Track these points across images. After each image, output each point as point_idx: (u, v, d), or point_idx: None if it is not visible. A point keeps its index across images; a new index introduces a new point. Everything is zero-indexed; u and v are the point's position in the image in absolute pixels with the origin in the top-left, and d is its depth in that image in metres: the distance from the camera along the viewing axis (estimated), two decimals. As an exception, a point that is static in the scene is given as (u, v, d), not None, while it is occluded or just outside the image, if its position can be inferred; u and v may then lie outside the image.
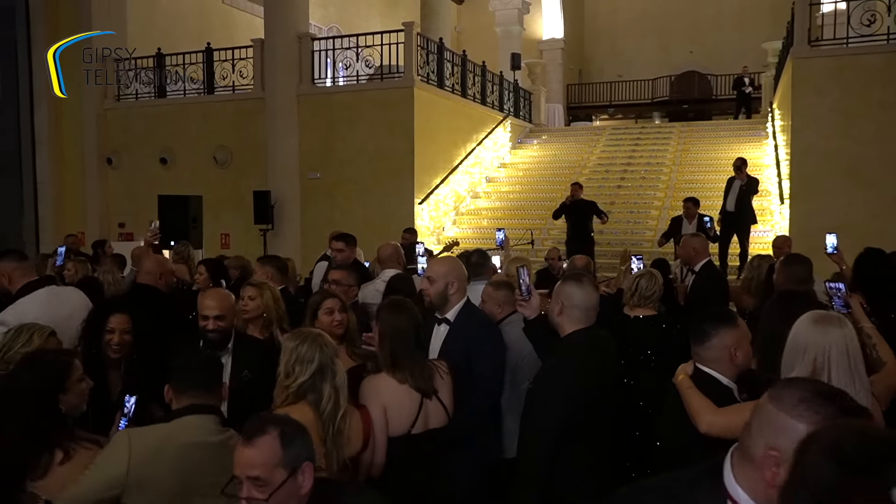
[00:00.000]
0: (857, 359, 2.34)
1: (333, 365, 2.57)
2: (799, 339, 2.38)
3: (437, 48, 12.93)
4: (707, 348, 2.48)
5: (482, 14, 21.54)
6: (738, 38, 22.50)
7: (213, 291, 3.36)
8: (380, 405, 2.79)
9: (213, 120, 12.88)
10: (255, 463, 1.78)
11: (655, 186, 13.41)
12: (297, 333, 2.67)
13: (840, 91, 9.88)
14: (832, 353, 2.31)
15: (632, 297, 4.12)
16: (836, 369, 2.30)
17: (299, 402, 2.53)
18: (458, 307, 3.53)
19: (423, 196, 12.08)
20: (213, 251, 10.33)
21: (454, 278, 3.54)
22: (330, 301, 3.49)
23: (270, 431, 1.81)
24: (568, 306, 2.86)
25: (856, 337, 2.38)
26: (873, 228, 8.61)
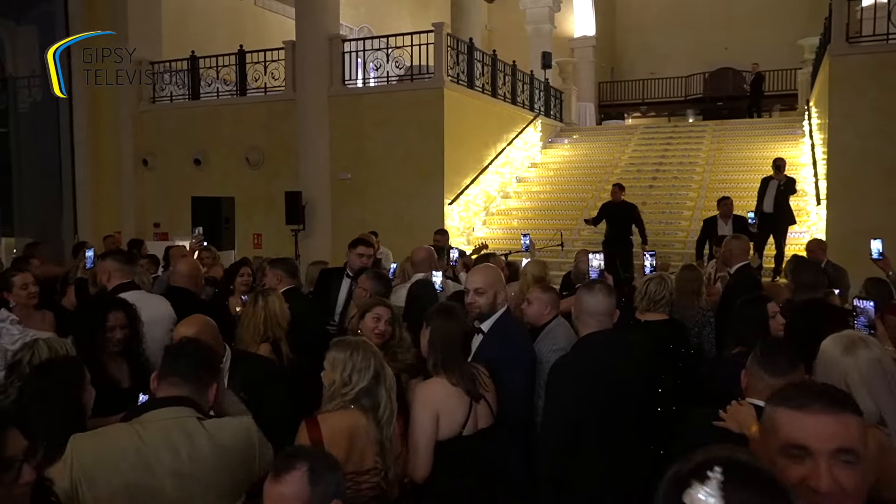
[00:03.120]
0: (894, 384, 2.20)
1: (384, 369, 2.62)
2: (832, 371, 2.22)
3: (466, 48, 12.91)
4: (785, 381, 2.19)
5: (513, 13, 21.45)
6: (774, 33, 22.07)
7: (187, 319, 3.17)
8: (432, 411, 2.81)
9: (246, 121, 13.04)
10: (283, 500, 1.77)
11: (688, 186, 13.23)
12: (343, 343, 2.66)
13: (879, 89, 9.64)
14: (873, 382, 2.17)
15: (642, 300, 4.06)
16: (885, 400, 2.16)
17: (351, 407, 2.57)
18: (495, 318, 3.50)
19: (453, 197, 12.09)
20: (246, 251, 10.47)
21: (501, 288, 3.55)
22: (380, 308, 3.48)
23: (299, 467, 1.79)
24: (580, 312, 3.01)
25: (886, 361, 2.23)
26: (914, 230, 8.40)
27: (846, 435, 1.29)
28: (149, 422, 2.18)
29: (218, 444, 2.22)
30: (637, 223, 10.04)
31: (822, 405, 1.31)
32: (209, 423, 2.26)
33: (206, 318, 3.20)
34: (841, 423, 1.30)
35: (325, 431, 2.51)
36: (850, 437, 1.29)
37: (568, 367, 2.97)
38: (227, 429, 2.29)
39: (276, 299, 3.97)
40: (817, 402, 1.32)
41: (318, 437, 2.49)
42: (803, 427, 1.30)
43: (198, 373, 2.31)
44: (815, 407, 1.31)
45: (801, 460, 1.29)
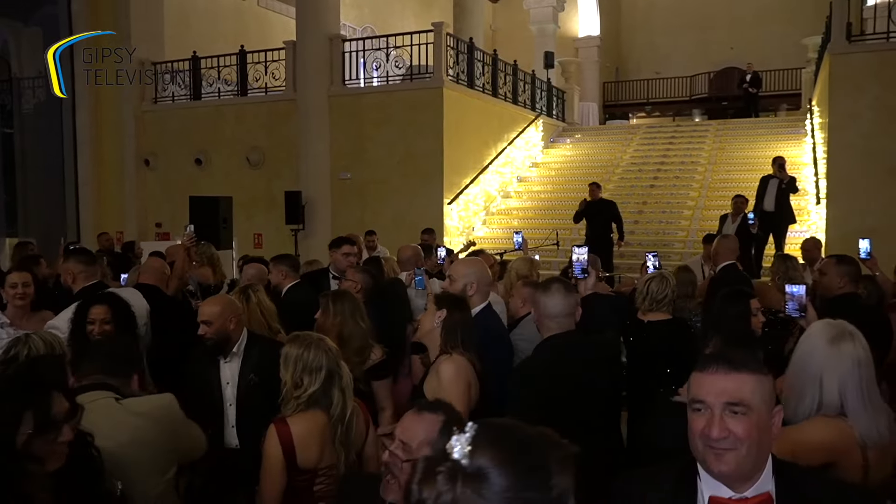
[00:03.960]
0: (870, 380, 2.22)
1: (339, 368, 2.61)
2: (811, 359, 2.25)
3: (467, 48, 12.91)
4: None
5: (517, 12, 21.42)
6: (780, 33, 21.96)
7: (211, 298, 3.43)
8: (465, 382, 2.82)
9: (247, 121, 13.09)
10: (422, 431, 1.80)
11: (689, 186, 13.18)
12: (298, 340, 2.67)
13: (880, 88, 9.57)
14: (846, 374, 2.18)
15: (643, 300, 3.99)
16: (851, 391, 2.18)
17: (310, 409, 2.56)
18: (476, 311, 3.48)
19: (453, 196, 12.08)
20: (247, 251, 10.50)
21: (475, 280, 3.55)
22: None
23: (438, 414, 1.84)
24: (539, 316, 2.94)
25: (869, 354, 2.24)
26: (915, 230, 8.35)
27: (735, 390, 1.51)
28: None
29: (137, 415, 2.37)
30: (616, 220, 10.08)
31: (719, 366, 1.53)
32: (127, 401, 2.42)
33: (224, 297, 3.51)
34: (731, 380, 1.51)
35: (295, 433, 2.51)
36: (740, 392, 1.51)
37: (526, 373, 2.93)
38: (145, 403, 2.47)
39: (263, 294, 3.99)
40: (715, 364, 1.54)
41: (288, 439, 2.50)
42: (702, 385, 1.54)
43: (116, 367, 2.46)
44: (713, 368, 1.54)
45: (701, 413, 1.52)
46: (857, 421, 2.15)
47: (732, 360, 1.54)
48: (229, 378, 3.24)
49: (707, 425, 1.49)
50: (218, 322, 3.23)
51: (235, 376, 3.25)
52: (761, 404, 1.53)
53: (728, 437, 1.48)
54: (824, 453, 2.15)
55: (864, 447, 2.15)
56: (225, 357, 3.26)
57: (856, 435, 2.15)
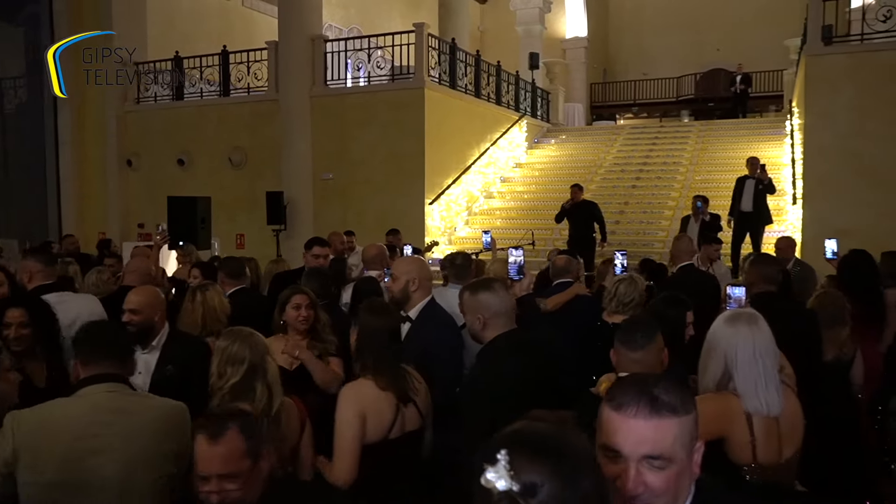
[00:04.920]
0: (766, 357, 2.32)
1: (264, 363, 2.62)
2: (712, 337, 2.40)
3: (449, 49, 12.94)
4: (646, 353, 2.45)
5: (505, 13, 21.47)
6: (767, 35, 22.03)
7: (138, 288, 3.50)
8: (358, 413, 2.72)
9: (229, 122, 13.09)
10: (225, 459, 1.90)
11: (670, 186, 13.25)
12: (228, 333, 2.72)
13: (855, 89, 9.64)
14: (740, 351, 2.32)
15: (610, 302, 3.99)
16: (742, 366, 2.31)
17: (236, 402, 2.56)
18: (420, 306, 3.60)
19: (434, 196, 12.11)
20: (229, 252, 10.50)
21: (416, 276, 3.60)
22: (299, 297, 3.60)
23: (232, 426, 1.93)
24: (489, 316, 2.85)
25: (768, 336, 2.36)
26: (888, 229, 8.40)
27: (657, 440, 1.31)
28: (83, 396, 2.38)
29: (147, 412, 2.41)
30: (598, 221, 10.14)
31: (638, 408, 1.31)
32: (139, 395, 2.49)
33: (150, 289, 3.54)
34: (652, 428, 1.31)
35: None
36: (661, 443, 1.31)
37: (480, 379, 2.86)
38: (157, 401, 2.52)
39: (216, 294, 4.01)
40: (634, 405, 1.32)
41: None
42: (617, 430, 1.32)
43: (111, 348, 2.47)
44: (631, 410, 1.32)
45: (615, 460, 1.32)
46: (745, 393, 2.27)
47: (656, 399, 1.32)
48: (142, 368, 3.28)
49: (621, 477, 1.30)
50: (146, 312, 3.29)
51: (151, 367, 3.30)
52: (682, 450, 1.34)
53: (644, 492, 1.30)
54: (713, 425, 2.23)
55: (751, 421, 2.25)
56: (143, 348, 3.29)
57: (742, 408, 2.26)
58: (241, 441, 1.92)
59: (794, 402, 2.42)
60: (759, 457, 2.28)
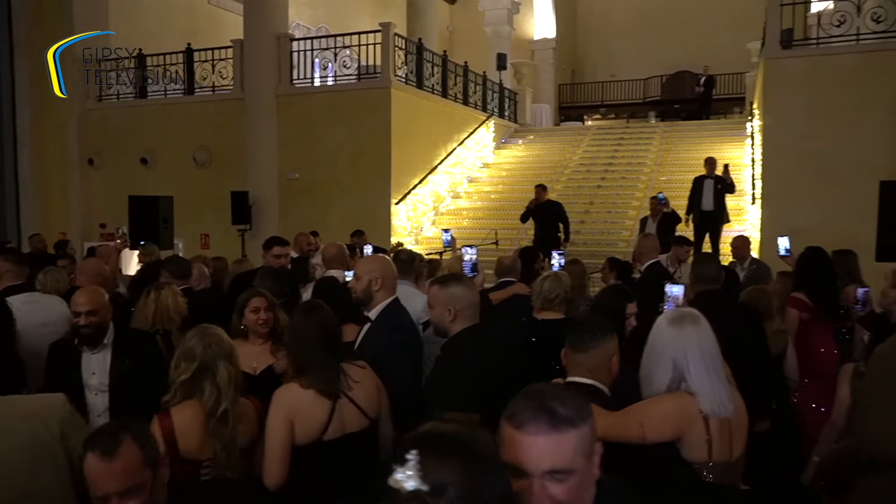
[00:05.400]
0: (712, 357, 2.34)
1: (216, 364, 2.60)
2: (656, 341, 2.39)
3: (416, 48, 12.96)
4: (592, 356, 2.39)
5: (475, 14, 21.52)
6: (731, 38, 22.37)
7: (85, 289, 3.48)
8: (284, 416, 2.66)
9: (194, 120, 12.95)
10: (125, 474, 1.80)
11: (635, 187, 13.41)
12: (196, 329, 2.71)
13: (812, 91, 9.85)
14: (688, 352, 2.32)
15: (536, 299, 4.02)
16: (693, 367, 2.32)
17: (190, 399, 2.59)
18: (382, 307, 3.51)
19: (401, 196, 12.12)
20: (194, 252, 10.38)
21: (379, 275, 3.51)
22: (257, 300, 3.56)
23: (125, 438, 1.83)
24: (460, 308, 2.89)
25: (711, 336, 2.38)
26: (844, 229, 8.57)
27: (558, 455, 1.32)
28: None
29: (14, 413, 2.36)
30: (562, 221, 10.23)
31: (538, 425, 1.32)
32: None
33: (99, 289, 3.51)
34: (552, 443, 1.32)
35: (176, 423, 2.53)
36: (563, 457, 1.32)
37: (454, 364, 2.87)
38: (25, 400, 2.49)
39: (171, 293, 3.99)
40: (534, 422, 1.33)
41: (169, 429, 2.52)
42: (520, 448, 1.33)
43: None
44: (531, 428, 1.33)
45: (518, 476, 1.32)
46: (700, 393, 2.28)
47: (554, 413, 1.33)
48: (95, 368, 3.26)
49: (528, 492, 1.32)
50: (102, 312, 3.30)
51: (105, 365, 3.30)
52: (583, 458, 1.36)
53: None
54: (670, 426, 2.28)
55: (707, 420, 2.27)
56: (94, 348, 3.29)
57: (699, 408, 2.27)
58: (138, 451, 1.83)
59: (739, 401, 2.44)
60: (713, 455, 2.29)
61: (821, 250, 4.85)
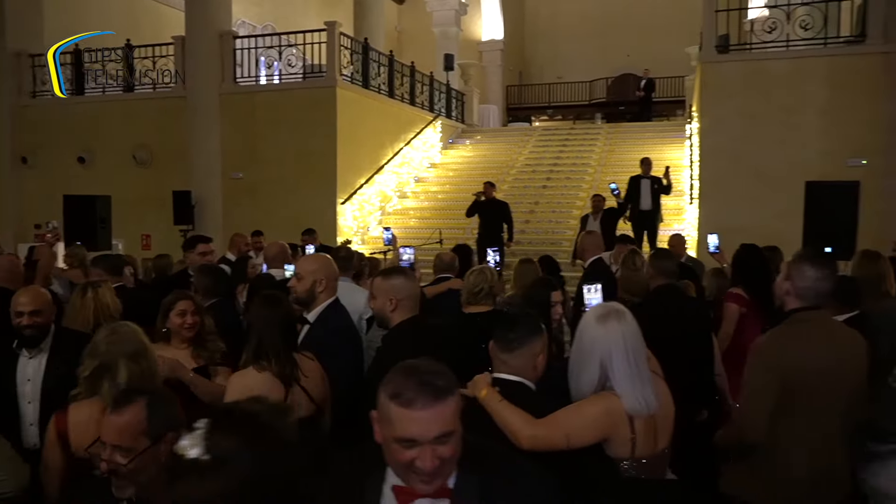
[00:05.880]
0: (637, 352, 2.38)
1: (117, 364, 2.54)
2: (583, 339, 2.41)
3: (362, 48, 12.93)
4: (517, 356, 2.38)
5: (423, 14, 21.57)
6: (673, 42, 22.94)
7: (27, 289, 3.38)
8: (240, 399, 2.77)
9: (134, 118, 12.65)
10: (120, 431, 1.90)
11: (579, 187, 13.65)
12: (108, 327, 2.68)
13: (745, 95, 10.20)
14: (613, 349, 2.34)
15: (463, 293, 4.09)
16: (618, 367, 2.34)
17: (93, 397, 2.55)
18: (322, 308, 3.50)
19: (347, 196, 12.08)
20: (134, 252, 10.15)
21: (323, 276, 3.51)
22: (183, 303, 3.48)
23: (138, 400, 1.94)
24: (400, 299, 2.96)
25: (636, 330, 2.41)
26: (777, 228, 8.89)
27: (443, 422, 1.49)
28: None
29: None
30: (506, 221, 10.34)
31: (424, 401, 1.47)
32: None
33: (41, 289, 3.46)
34: (439, 413, 1.48)
35: (71, 420, 2.52)
36: (447, 422, 1.49)
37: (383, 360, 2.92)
38: None
39: (108, 291, 3.91)
40: (422, 398, 1.47)
41: (63, 429, 2.50)
42: (411, 423, 1.47)
43: None
44: (420, 402, 1.47)
45: (410, 447, 1.48)
46: (624, 394, 2.30)
47: (436, 387, 1.48)
48: (31, 375, 3.15)
49: (418, 458, 1.47)
50: (46, 313, 3.20)
51: (40, 372, 3.17)
52: (458, 418, 1.53)
53: (440, 464, 1.49)
54: (596, 432, 2.31)
55: (632, 419, 2.31)
56: (34, 351, 3.18)
57: (624, 408, 2.30)
58: (143, 418, 1.91)
59: (665, 393, 2.49)
60: (636, 451, 2.34)
61: (755, 247, 5.04)
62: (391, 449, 1.51)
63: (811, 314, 2.70)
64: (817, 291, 2.69)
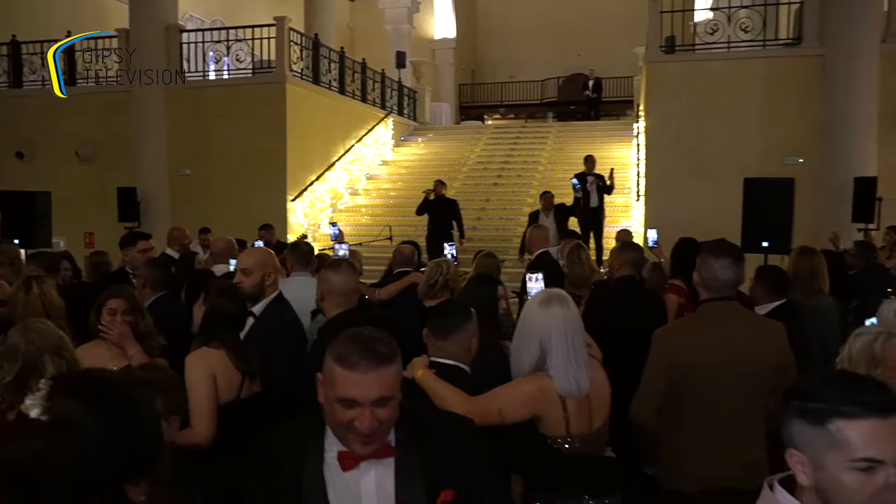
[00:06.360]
0: (576, 337, 2.47)
1: (42, 361, 2.39)
2: (526, 321, 2.52)
3: (312, 44, 12.83)
4: (452, 342, 2.49)
5: (376, 11, 21.48)
6: (623, 43, 23.36)
7: None
8: (209, 373, 2.77)
9: (77, 113, 12.29)
10: None
11: (530, 184, 13.80)
12: (20, 325, 2.53)
13: (689, 94, 10.48)
14: (553, 332, 2.44)
15: (422, 287, 4.18)
16: (556, 348, 2.44)
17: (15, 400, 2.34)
18: (266, 302, 3.51)
19: (297, 193, 11.98)
20: (77, 250, 9.88)
21: (271, 269, 3.55)
22: (114, 301, 3.29)
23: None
24: (328, 292, 3.03)
25: (576, 316, 2.52)
26: (720, 224, 9.05)
27: (383, 386, 1.57)
28: None
29: None
30: (456, 219, 10.41)
31: (368, 364, 1.55)
32: None
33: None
34: (380, 377, 1.56)
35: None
36: (388, 386, 1.58)
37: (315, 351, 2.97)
38: None
39: (51, 287, 3.80)
40: (365, 362, 1.55)
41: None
42: (353, 385, 1.55)
43: None
44: (363, 366, 1.55)
45: (351, 407, 1.56)
46: (557, 375, 2.41)
47: (378, 353, 1.56)
48: None
49: (357, 419, 1.54)
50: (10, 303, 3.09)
51: None
52: (399, 384, 1.62)
53: (378, 426, 1.56)
54: (528, 407, 2.41)
55: (564, 400, 2.41)
56: None
57: (556, 389, 2.40)
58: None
59: (601, 375, 2.60)
60: (571, 430, 2.44)
61: (693, 240, 5.20)
62: (333, 409, 1.58)
63: (717, 305, 2.77)
64: (721, 281, 2.74)
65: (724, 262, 2.74)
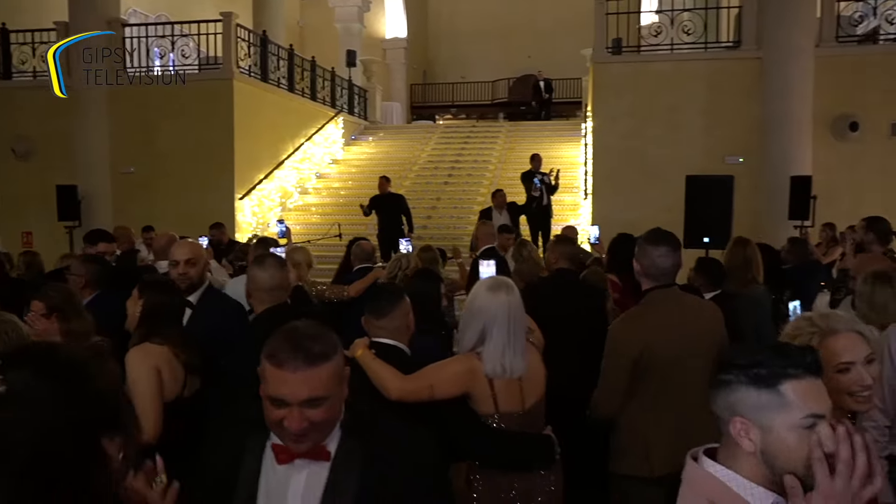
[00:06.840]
0: (517, 323, 2.58)
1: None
2: (474, 303, 2.63)
3: (260, 41, 12.69)
4: (391, 320, 2.63)
5: (326, 10, 21.32)
6: (572, 44, 23.67)
7: None
8: (151, 366, 2.75)
9: (12, 108, 11.93)
10: None
11: (480, 183, 13.91)
12: None
13: (634, 95, 10.71)
14: (497, 317, 2.56)
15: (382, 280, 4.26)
16: (495, 334, 2.55)
17: None
18: (201, 291, 3.62)
19: (245, 191, 11.83)
20: (14, 251, 9.55)
21: (207, 259, 3.76)
22: (35, 303, 3.16)
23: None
24: (254, 289, 3.06)
25: (519, 303, 2.63)
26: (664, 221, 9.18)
27: (315, 386, 1.50)
28: None
29: None
30: (405, 213, 10.48)
31: (297, 363, 1.49)
32: None
33: None
34: (310, 377, 1.49)
35: None
36: (319, 387, 1.51)
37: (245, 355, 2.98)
38: None
39: None
40: (294, 361, 1.49)
41: None
42: (281, 383, 1.50)
43: None
44: (292, 365, 1.49)
45: (279, 406, 1.51)
46: (488, 358, 2.54)
47: (310, 352, 1.50)
48: None
49: (285, 418, 1.50)
50: None
51: None
52: (335, 384, 1.55)
53: (308, 426, 1.50)
54: (457, 386, 2.54)
55: (491, 380, 2.54)
56: None
57: (483, 369, 2.53)
58: None
59: (536, 360, 2.74)
60: (500, 407, 2.56)
61: (629, 236, 5.33)
62: (266, 405, 1.53)
63: (662, 293, 2.87)
64: (660, 269, 2.84)
65: (662, 249, 2.83)
